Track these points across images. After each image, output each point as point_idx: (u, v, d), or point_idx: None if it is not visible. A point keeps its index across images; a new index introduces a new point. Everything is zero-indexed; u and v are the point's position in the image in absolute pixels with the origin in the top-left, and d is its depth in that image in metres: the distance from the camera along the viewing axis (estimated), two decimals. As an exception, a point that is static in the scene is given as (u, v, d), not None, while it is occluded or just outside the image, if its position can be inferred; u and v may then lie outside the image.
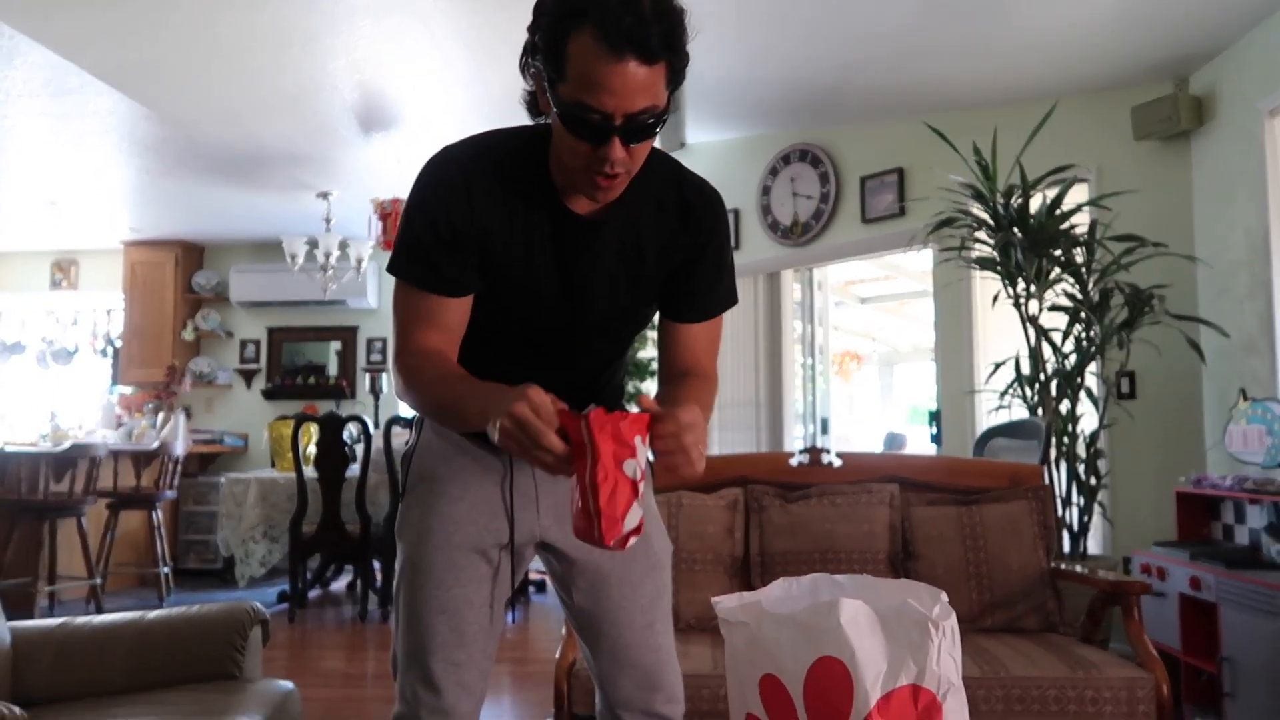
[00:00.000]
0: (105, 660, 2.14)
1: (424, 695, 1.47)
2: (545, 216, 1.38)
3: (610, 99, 1.19)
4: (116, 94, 4.41)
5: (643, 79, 1.19)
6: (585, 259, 1.40)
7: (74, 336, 7.96)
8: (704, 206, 1.46)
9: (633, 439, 1.15)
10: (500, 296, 1.41)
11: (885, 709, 1.02)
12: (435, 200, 1.36)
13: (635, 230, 1.42)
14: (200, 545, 7.14)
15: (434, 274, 1.37)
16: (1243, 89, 3.78)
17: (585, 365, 1.53)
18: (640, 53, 1.17)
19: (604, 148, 1.23)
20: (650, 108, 1.22)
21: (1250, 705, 2.86)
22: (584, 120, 1.21)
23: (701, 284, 1.48)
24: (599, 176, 1.27)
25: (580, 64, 1.18)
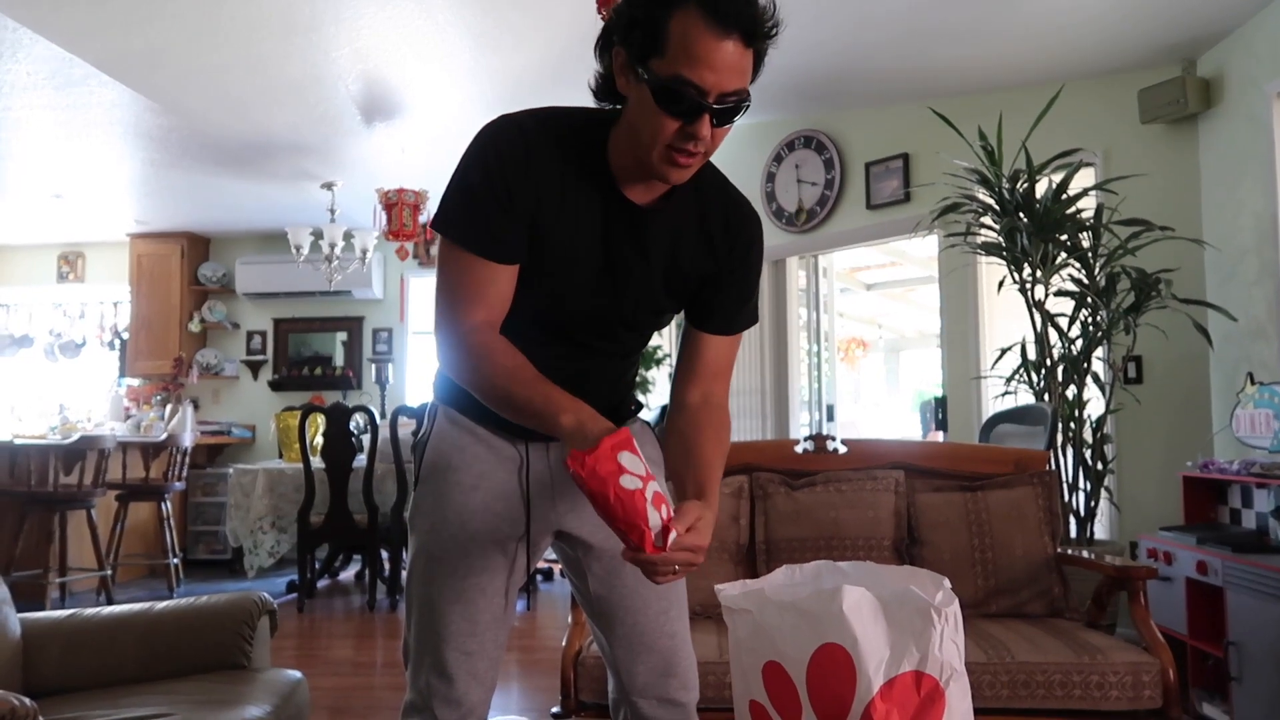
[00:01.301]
0: (115, 651, 2.15)
1: (437, 684, 1.47)
2: (598, 198, 1.38)
3: (710, 74, 1.21)
4: (120, 85, 4.41)
5: (740, 60, 1.22)
6: (630, 246, 1.41)
7: (81, 329, 7.99)
8: (745, 224, 1.49)
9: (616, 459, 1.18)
10: (538, 272, 1.40)
11: (888, 695, 1.02)
12: (494, 160, 1.34)
13: (679, 230, 1.43)
14: (209, 536, 7.18)
15: (486, 235, 1.35)
16: (1251, 72, 3.75)
17: (609, 352, 1.53)
18: (745, 33, 1.21)
19: (694, 124, 1.24)
20: (741, 90, 1.24)
21: (1257, 689, 2.86)
22: (680, 94, 1.22)
23: (728, 299, 1.50)
24: (678, 155, 1.28)
25: (683, 39, 1.21)
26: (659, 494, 1.19)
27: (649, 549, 1.17)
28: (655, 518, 1.17)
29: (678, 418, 1.49)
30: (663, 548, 1.17)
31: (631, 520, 1.16)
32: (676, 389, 1.53)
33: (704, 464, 1.40)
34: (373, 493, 5.39)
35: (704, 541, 1.23)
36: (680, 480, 1.40)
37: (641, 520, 1.16)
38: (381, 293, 7.63)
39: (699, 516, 1.25)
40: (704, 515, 1.26)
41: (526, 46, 4.26)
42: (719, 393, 1.53)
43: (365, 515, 5.38)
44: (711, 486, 1.36)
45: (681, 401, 1.51)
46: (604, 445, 1.17)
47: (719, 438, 1.46)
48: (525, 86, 4.67)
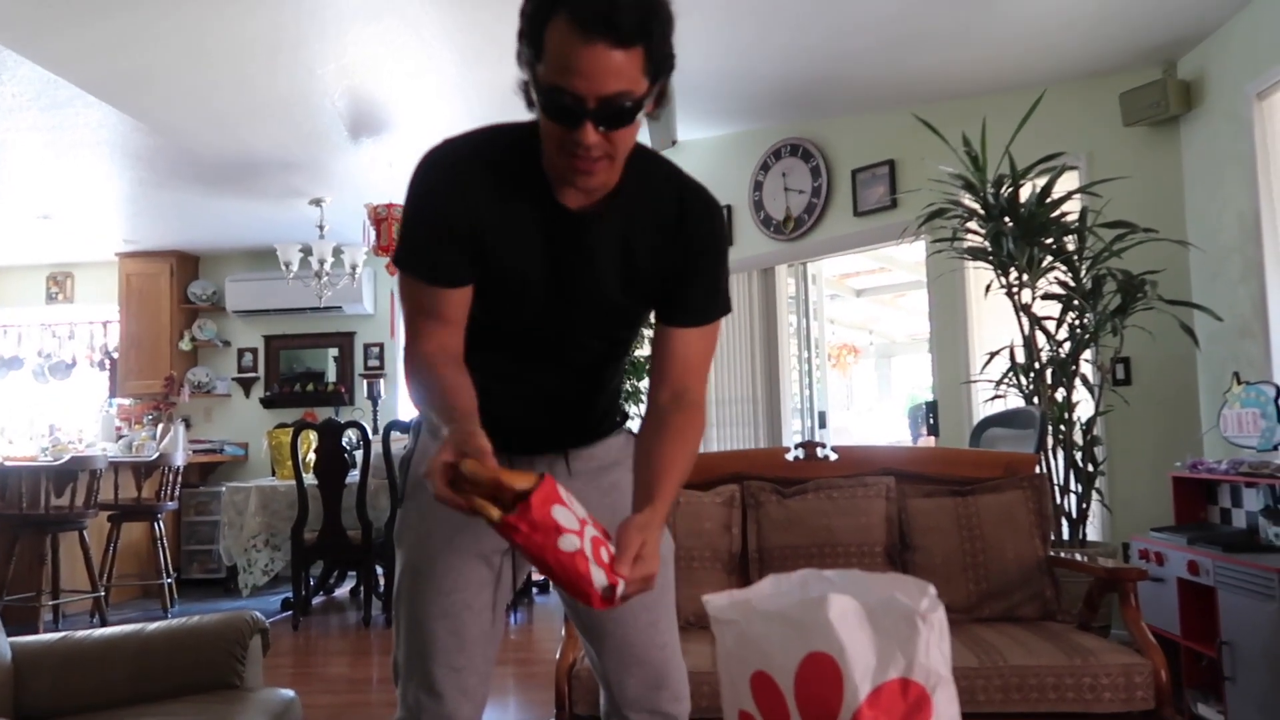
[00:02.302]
0: (107, 673, 2.14)
1: (425, 701, 1.47)
2: (537, 210, 1.38)
3: (582, 81, 1.20)
4: (106, 106, 4.42)
5: (615, 63, 1.20)
6: (575, 254, 1.40)
7: (71, 349, 7.97)
8: (701, 213, 1.46)
9: (550, 516, 1.14)
10: (492, 290, 1.42)
11: (875, 702, 1.03)
12: (428, 194, 1.38)
13: (630, 229, 1.41)
14: (203, 555, 7.15)
15: (431, 266, 1.39)
16: (1231, 72, 3.79)
17: (580, 363, 1.52)
18: (612, 36, 1.19)
19: (577, 131, 1.24)
20: (625, 92, 1.22)
21: (1251, 688, 2.87)
22: (558, 103, 1.23)
23: (695, 291, 1.47)
24: (576, 161, 1.28)
25: (555, 47, 1.21)
26: (597, 539, 1.17)
27: (597, 606, 1.16)
28: (600, 576, 1.15)
29: (648, 420, 1.46)
30: (611, 601, 1.16)
31: (576, 585, 1.15)
32: (650, 390, 1.50)
33: (660, 467, 1.36)
34: (366, 508, 5.37)
35: (653, 569, 1.22)
36: (636, 482, 1.38)
37: (585, 584, 1.14)
38: (372, 308, 7.62)
39: (642, 542, 1.23)
40: (647, 538, 1.24)
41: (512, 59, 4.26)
42: (694, 389, 1.47)
43: (359, 531, 5.37)
44: (663, 492, 1.33)
45: (653, 401, 1.48)
46: (535, 504, 1.13)
47: (683, 438, 1.42)
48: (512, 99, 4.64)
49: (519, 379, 1.48)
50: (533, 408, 1.51)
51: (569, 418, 1.57)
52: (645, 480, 1.36)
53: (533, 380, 1.49)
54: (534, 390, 1.50)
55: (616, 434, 1.63)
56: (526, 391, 1.50)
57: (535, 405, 1.52)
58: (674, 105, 5.22)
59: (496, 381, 1.44)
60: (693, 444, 1.44)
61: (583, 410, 1.57)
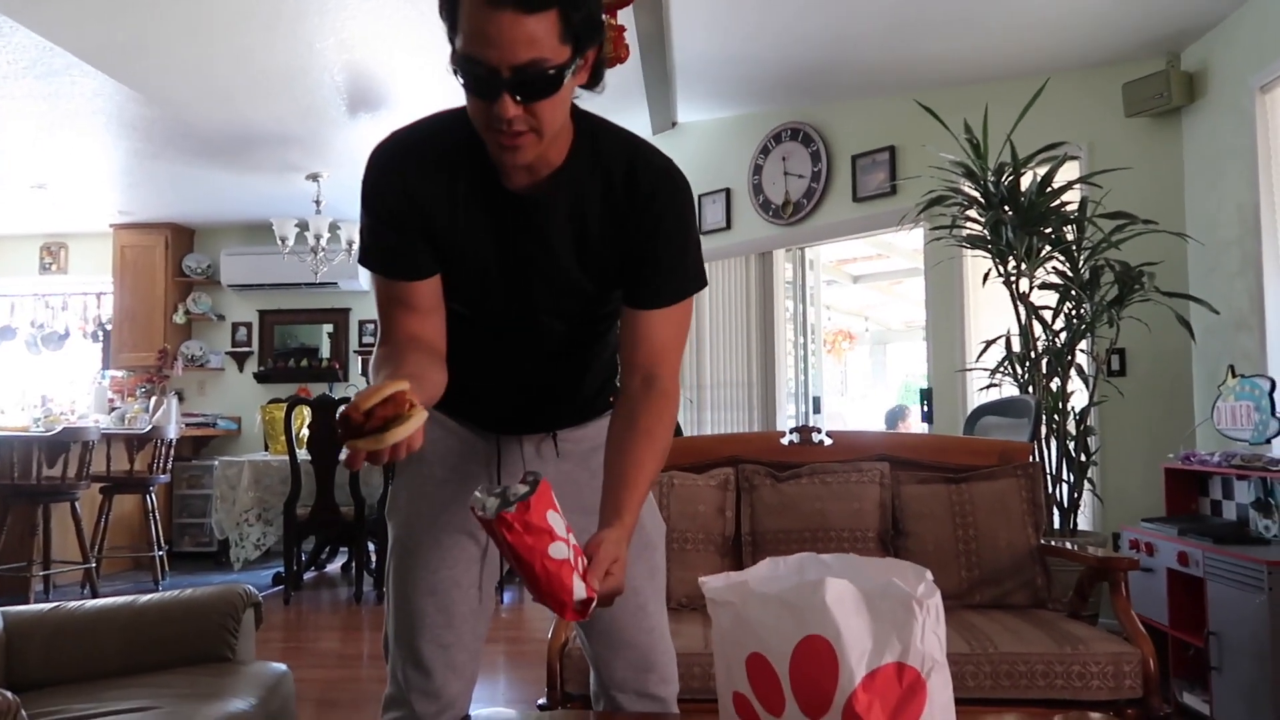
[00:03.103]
0: (98, 644, 2.14)
1: (414, 677, 1.48)
2: (482, 195, 1.35)
3: (493, 50, 1.15)
4: (102, 75, 4.38)
5: (526, 30, 1.14)
6: (526, 236, 1.36)
7: (64, 320, 7.93)
8: (656, 184, 1.36)
9: (545, 520, 1.11)
10: (453, 278, 1.40)
11: (870, 686, 1.03)
12: (374, 189, 1.36)
13: (580, 207, 1.35)
14: (195, 528, 7.15)
15: (389, 261, 1.37)
16: (1234, 65, 3.77)
17: (554, 346, 1.47)
18: (517, 1, 1.13)
19: (495, 104, 1.18)
20: (540, 59, 1.16)
21: (1236, 679, 2.89)
22: (473, 74, 1.18)
23: (657, 268, 1.37)
24: (500, 137, 1.22)
25: (466, 16, 1.17)
26: (577, 548, 1.15)
27: (568, 616, 1.14)
28: (580, 588, 1.13)
29: (617, 410, 1.39)
30: (584, 614, 1.15)
31: (556, 595, 1.12)
32: (621, 374, 1.43)
33: (628, 479, 1.30)
34: (359, 485, 5.38)
35: (620, 585, 1.21)
36: (604, 488, 1.31)
37: (566, 594, 1.12)
38: (368, 284, 7.58)
39: (614, 558, 1.20)
40: (619, 555, 1.21)
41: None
42: (664, 375, 1.38)
43: (352, 508, 5.37)
44: (630, 506, 1.27)
45: (624, 388, 1.39)
46: (534, 504, 1.10)
47: (650, 437, 1.34)
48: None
49: (498, 364, 1.47)
50: (515, 391, 1.51)
51: (554, 400, 1.55)
52: (613, 489, 1.29)
53: (511, 364, 1.48)
54: (514, 374, 1.49)
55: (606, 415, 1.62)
56: (507, 375, 1.49)
57: (517, 389, 1.51)
58: (674, 87, 5.20)
59: (477, 366, 1.44)
60: (662, 442, 1.36)
61: (568, 392, 1.55)
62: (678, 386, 1.42)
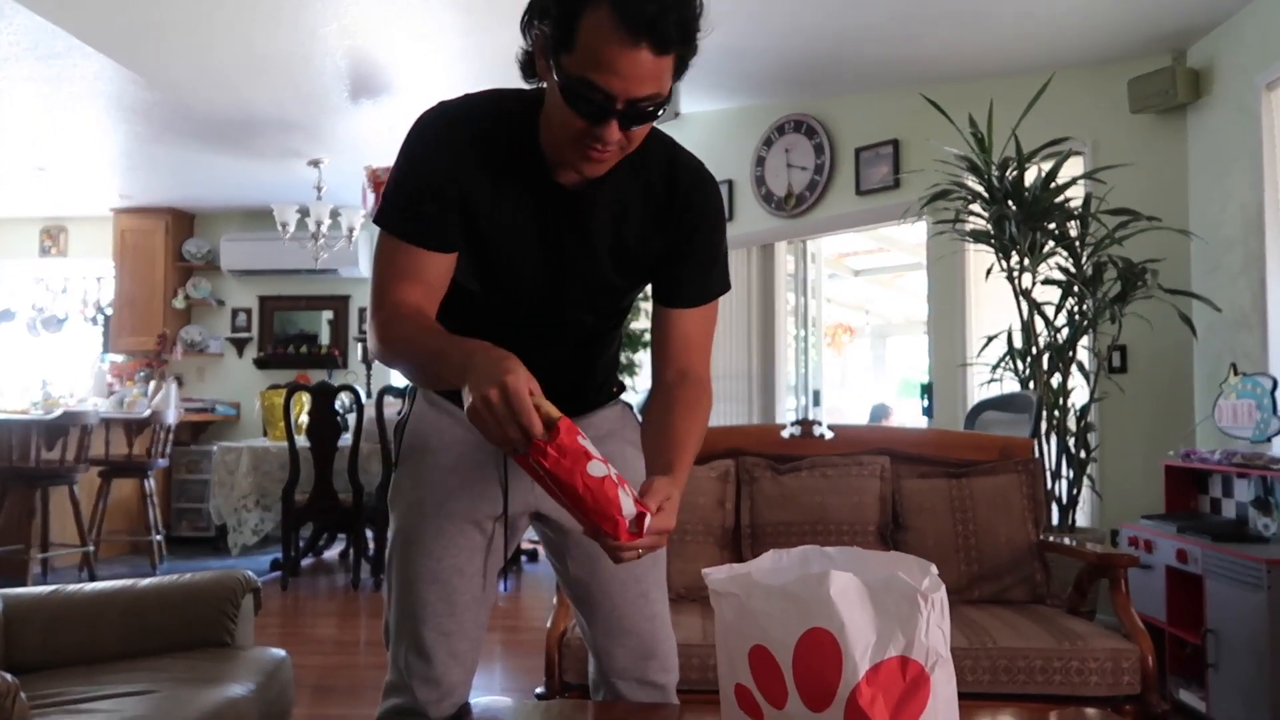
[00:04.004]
0: (97, 627, 2.14)
1: (415, 664, 1.48)
2: (530, 186, 1.35)
3: (617, 82, 1.17)
4: (104, 58, 4.35)
5: (652, 67, 1.18)
6: (567, 232, 1.38)
7: (64, 304, 7.92)
8: (694, 187, 1.42)
9: (578, 443, 1.12)
10: (481, 264, 1.39)
11: (874, 680, 1.03)
12: (421, 155, 1.35)
13: (621, 207, 1.39)
14: (193, 513, 7.15)
15: (418, 225, 1.34)
16: (1241, 62, 3.76)
17: (573, 339, 1.50)
18: (656, 42, 1.16)
19: (600, 127, 1.21)
20: (654, 95, 1.20)
21: (1233, 676, 2.89)
22: (585, 97, 1.19)
23: (692, 269, 1.44)
24: (590, 152, 1.25)
25: (592, 41, 1.16)
26: (620, 476, 1.16)
27: (623, 538, 1.13)
28: (628, 504, 1.13)
29: (655, 397, 1.45)
30: (638, 533, 1.14)
31: (604, 510, 1.12)
32: (653, 369, 1.49)
33: (674, 440, 1.34)
34: (358, 472, 5.37)
35: (671, 524, 1.21)
36: (651, 456, 1.35)
37: (615, 510, 1.12)
38: (368, 271, 7.56)
39: (667, 496, 1.22)
40: (671, 494, 1.23)
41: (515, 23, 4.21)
42: (696, 367, 1.46)
43: (350, 494, 5.37)
44: (681, 463, 1.31)
45: (658, 380, 1.46)
46: (564, 428, 1.12)
47: (692, 413, 1.40)
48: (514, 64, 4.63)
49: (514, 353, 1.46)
50: None
51: (563, 389, 1.54)
52: (662, 450, 1.32)
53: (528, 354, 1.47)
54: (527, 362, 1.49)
55: (612, 405, 1.62)
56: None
57: None
58: (679, 77, 5.18)
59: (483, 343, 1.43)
60: (703, 419, 1.42)
61: (577, 382, 1.56)
62: (710, 377, 1.49)
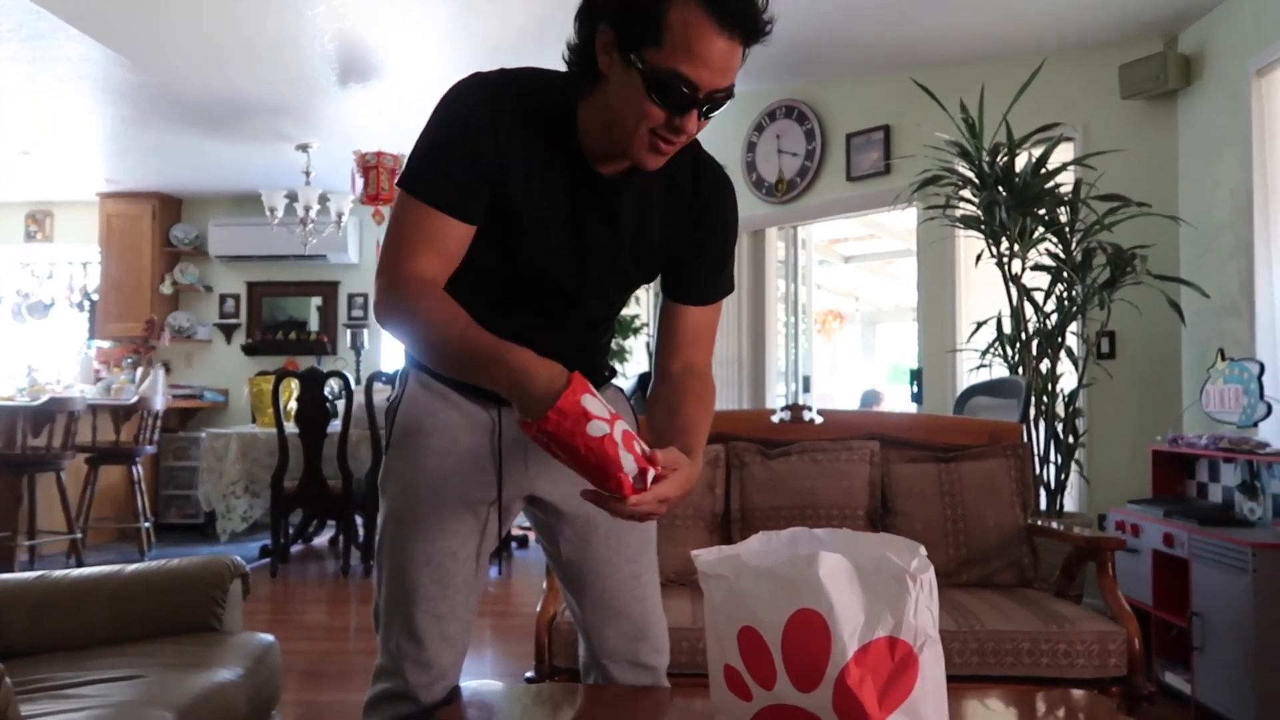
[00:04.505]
0: (84, 613, 2.13)
1: (407, 647, 1.47)
2: (564, 170, 1.35)
3: (706, 73, 1.20)
4: (89, 40, 4.31)
5: (735, 59, 1.23)
6: (595, 221, 1.39)
7: (50, 289, 7.86)
8: (715, 191, 1.47)
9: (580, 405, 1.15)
10: (506, 242, 1.38)
11: (862, 660, 1.03)
12: (459, 120, 1.32)
13: (648, 201, 1.41)
14: (181, 500, 7.13)
15: (451, 192, 1.32)
16: (1232, 48, 3.76)
17: (577, 322, 1.52)
18: (745, 33, 1.21)
19: (681, 118, 1.24)
20: (732, 85, 1.25)
21: (1218, 659, 2.92)
22: (673, 89, 1.21)
23: (704, 268, 1.49)
24: (661, 143, 1.27)
25: (683, 34, 1.18)
26: (627, 432, 1.17)
27: (628, 492, 1.15)
28: (629, 461, 1.15)
29: (661, 387, 1.49)
30: (643, 488, 1.16)
31: (606, 469, 1.14)
32: (659, 361, 1.53)
33: (688, 427, 1.39)
34: (347, 458, 5.36)
35: (673, 493, 1.22)
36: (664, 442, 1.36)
37: (615, 467, 1.14)
38: (357, 257, 7.54)
39: (676, 465, 1.24)
40: (684, 469, 1.25)
41: (507, 9, 4.19)
42: (700, 361, 1.52)
43: (340, 481, 5.36)
44: (697, 448, 1.36)
45: (665, 371, 1.51)
46: (565, 397, 1.14)
47: (703, 402, 1.46)
48: (505, 50, 4.60)
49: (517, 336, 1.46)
50: None
51: None
52: (677, 435, 1.36)
53: (530, 335, 1.47)
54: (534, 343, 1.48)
55: (605, 388, 1.62)
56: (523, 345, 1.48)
57: None
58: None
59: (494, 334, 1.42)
60: (711, 409, 1.48)
61: (579, 364, 1.55)
62: (711, 372, 1.55)
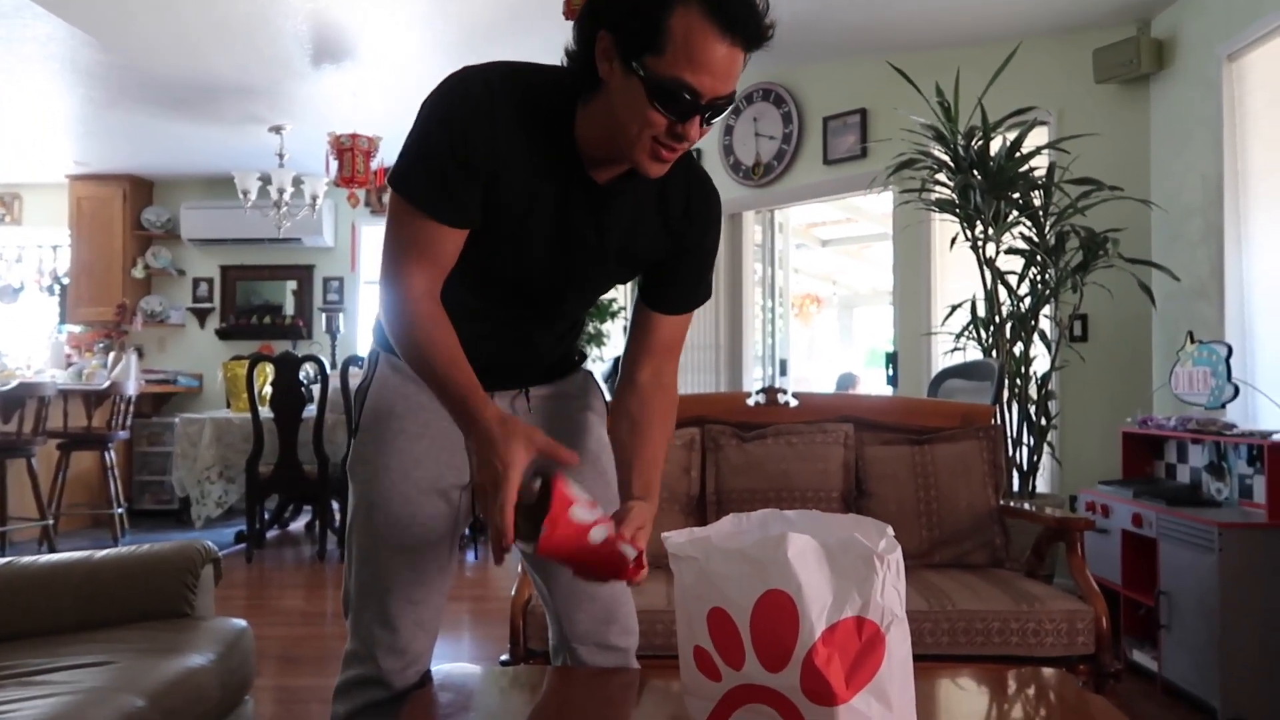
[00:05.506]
0: (54, 599, 2.11)
1: (380, 634, 1.47)
2: (560, 172, 1.33)
3: (709, 80, 1.19)
4: (56, 19, 4.23)
5: (739, 64, 1.21)
6: (587, 223, 1.38)
7: (19, 273, 7.75)
8: (703, 202, 1.46)
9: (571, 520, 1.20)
10: (492, 238, 1.37)
11: (830, 640, 1.04)
12: (458, 119, 1.28)
13: (639, 206, 1.40)
14: (155, 486, 7.08)
15: (444, 197, 1.30)
16: (1203, 33, 3.79)
17: (554, 314, 1.52)
18: (748, 38, 1.19)
19: (684, 125, 1.22)
20: (734, 91, 1.24)
21: (1184, 636, 2.97)
22: (676, 96, 1.19)
23: (682, 279, 1.49)
24: (662, 150, 1.25)
25: (685, 41, 1.17)
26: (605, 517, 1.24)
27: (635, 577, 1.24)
28: (628, 549, 1.23)
29: (629, 397, 1.49)
30: (641, 566, 1.25)
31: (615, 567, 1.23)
32: (627, 365, 1.52)
33: (651, 459, 1.43)
34: (323, 443, 5.33)
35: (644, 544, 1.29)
36: (627, 470, 1.43)
37: (620, 562, 1.22)
38: (332, 240, 7.48)
39: (641, 524, 1.31)
40: (646, 523, 1.33)
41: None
42: (669, 371, 1.52)
43: (315, 466, 5.33)
44: (657, 484, 1.42)
45: (632, 378, 1.50)
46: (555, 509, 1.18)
47: (665, 422, 1.49)
48: (482, 32, 4.57)
49: (494, 325, 1.46)
50: (502, 351, 1.50)
51: (535, 361, 1.57)
52: (642, 470, 1.41)
53: (507, 327, 1.48)
54: (506, 336, 1.49)
55: (575, 373, 1.63)
56: (499, 336, 1.48)
57: (505, 349, 1.50)
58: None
59: (470, 323, 1.40)
60: (671, 427, 1.51)
61: (549, 355, 1.58)
62: (677, 379, 1.56)
